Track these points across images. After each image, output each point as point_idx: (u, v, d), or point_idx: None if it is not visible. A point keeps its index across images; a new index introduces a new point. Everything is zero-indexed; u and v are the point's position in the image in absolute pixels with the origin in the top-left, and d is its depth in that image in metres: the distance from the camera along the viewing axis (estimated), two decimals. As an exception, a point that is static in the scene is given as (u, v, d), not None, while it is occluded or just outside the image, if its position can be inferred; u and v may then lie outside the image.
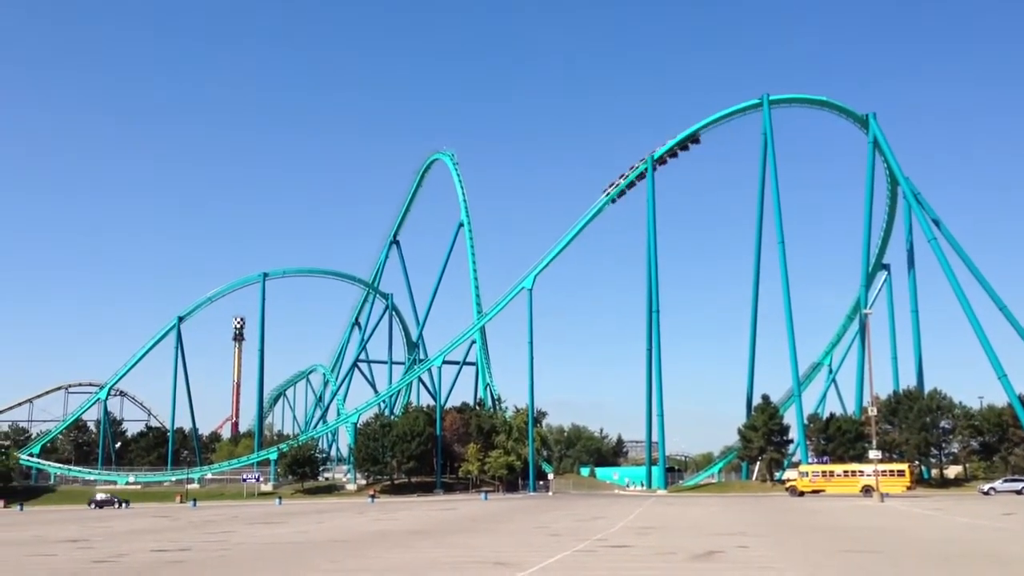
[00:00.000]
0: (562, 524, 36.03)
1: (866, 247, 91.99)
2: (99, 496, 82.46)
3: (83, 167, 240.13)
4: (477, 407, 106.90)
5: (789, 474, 79.57)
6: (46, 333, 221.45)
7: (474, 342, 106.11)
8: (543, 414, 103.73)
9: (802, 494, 68.21)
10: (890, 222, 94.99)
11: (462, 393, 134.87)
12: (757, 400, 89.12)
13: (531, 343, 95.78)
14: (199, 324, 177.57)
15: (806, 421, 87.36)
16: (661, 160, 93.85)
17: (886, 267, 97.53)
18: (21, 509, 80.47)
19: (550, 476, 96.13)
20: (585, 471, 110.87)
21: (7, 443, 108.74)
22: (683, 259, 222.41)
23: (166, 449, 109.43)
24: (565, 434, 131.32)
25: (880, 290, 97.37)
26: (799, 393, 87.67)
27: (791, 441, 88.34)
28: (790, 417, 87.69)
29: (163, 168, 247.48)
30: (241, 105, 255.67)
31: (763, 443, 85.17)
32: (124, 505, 78.42)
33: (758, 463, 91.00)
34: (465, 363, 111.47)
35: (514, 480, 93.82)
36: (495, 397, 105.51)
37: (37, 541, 32.94)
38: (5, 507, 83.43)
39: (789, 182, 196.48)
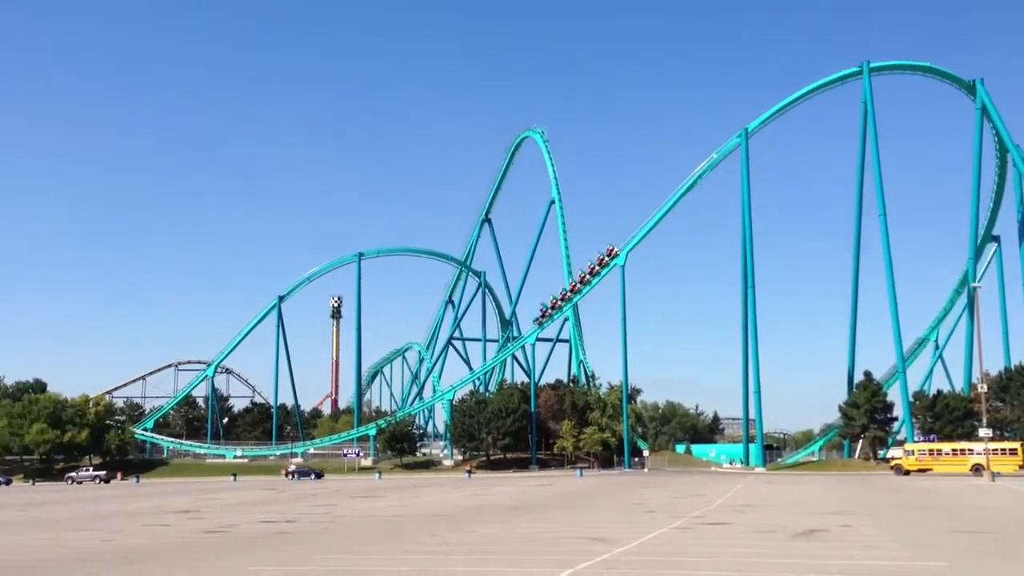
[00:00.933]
0: (658, 501, 35.90)
1: (974, 218, 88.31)
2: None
3: (202, 152, 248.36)
4: (571, 384, 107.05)
5: (894, 452, 77.37)
6: (157, 314, 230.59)
7: (567, 319, 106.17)
8: (637, 391, 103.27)
9: (908, 473, 66.31)
10: (999, 192, 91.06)
11: (556, 370, 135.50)
12: (859, 377, 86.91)
13: (624, 319, 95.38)
14: (298, 303, 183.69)
15: (911, 399, 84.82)
16: (755, 132, 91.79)
17: (996, 239, 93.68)
18: (138, 481, 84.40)
19: (645, 453, 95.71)
20: (680, 448, 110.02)
21: (123, 418, 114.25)
22: (780, 234, 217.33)
23: (270, 424, 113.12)
24: (660, 411, 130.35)
25: (990, 262, 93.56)
26: (903, 370, 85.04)
27: (895, 419, 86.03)
28: (893, 395, 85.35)
29: (267, 151, 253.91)
30: (338, 87, 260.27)
31: (865, 421, 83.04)
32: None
33: (860, 441, 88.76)
34: (558, 340, 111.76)
35: (609, 457, 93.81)
36: (589, 374, 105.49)
37: (153, 511, 34.53)
38: (123, 479, 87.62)
39: (890, 152, 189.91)
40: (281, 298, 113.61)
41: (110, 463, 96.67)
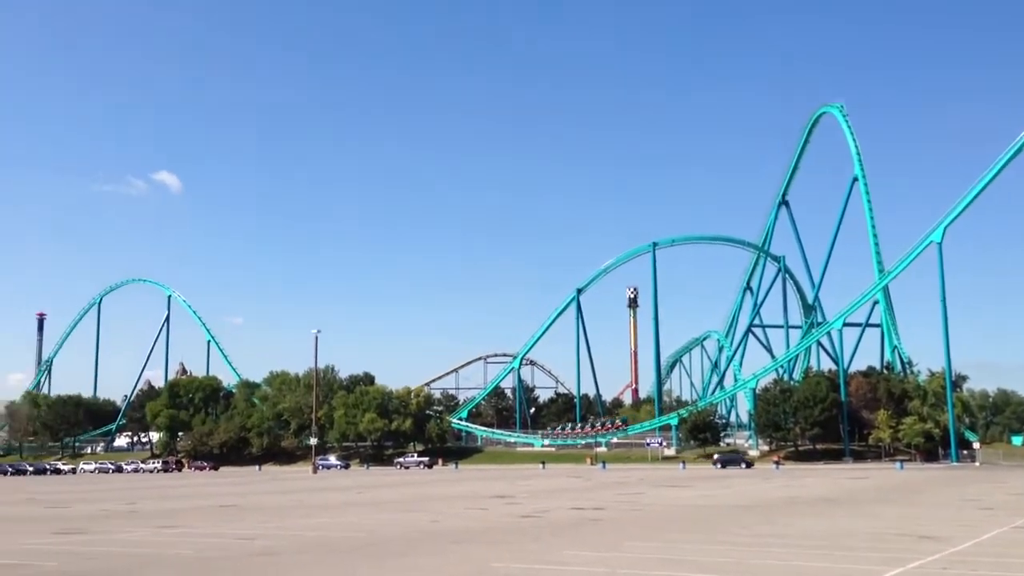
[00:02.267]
0: (995, 497, 32.72)
1: None
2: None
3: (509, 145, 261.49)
4: (885, 371, 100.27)
5: None
6: (467, 310, 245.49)
7: (876, 302, 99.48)
8: (963, 378, 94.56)
9: None
10: None
11: (866, 356, 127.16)
12: None
13: (943, 301, 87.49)
14: (596, 295, 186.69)
15: None
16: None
17: None
18: (456, 467, 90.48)
19: (975, 445, 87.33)
20: (1017, 440, 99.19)
21: (441, 408, 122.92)
22: None
23: (573, 414, 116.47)
24: (990, 399, 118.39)
25: None
26: None
27: None
28: None
29: (565, 142, 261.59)
30: (623, 74, 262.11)
31: None
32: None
33: None
34: (868, 325, 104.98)
35: (932, 449, 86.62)
36: (905, 360, 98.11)
37: (472, 496, 36.85)
38: (443, 464, 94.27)
39: None
40: (579, 290, 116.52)
41: (431, 450, 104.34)
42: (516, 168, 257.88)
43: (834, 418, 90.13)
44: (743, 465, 78.05)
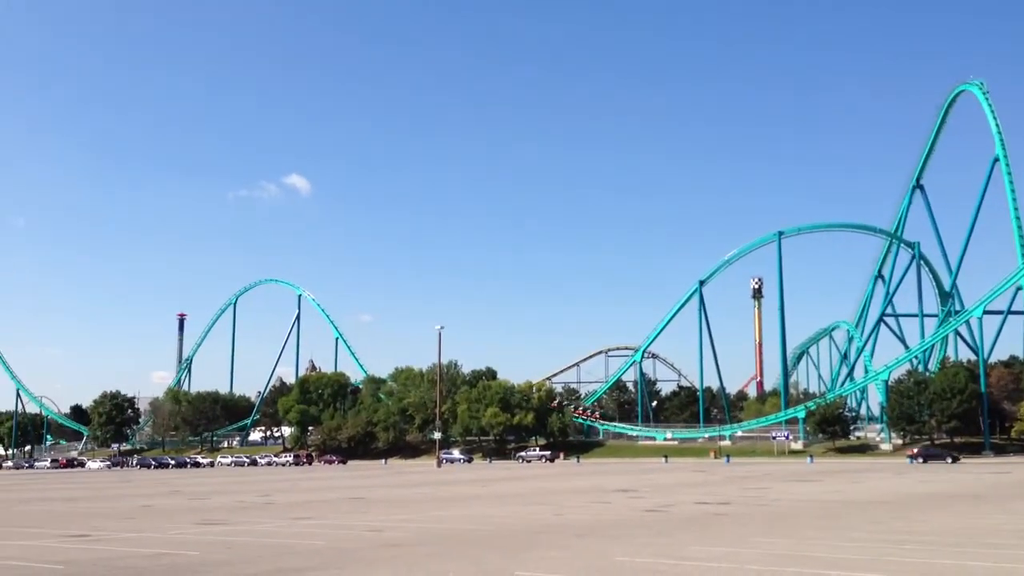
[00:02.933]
0: None
1: None
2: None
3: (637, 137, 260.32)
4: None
5: None
6: (588, 304, 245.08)
7: (1020, 288, 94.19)
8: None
9: None
10: None
11: (1008, 345, 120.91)
12: None
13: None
14: (718, 286, 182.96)
15: None
16: None
17: None
18: (578, 461, 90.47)
19: None
20: None
21: (564, 403, 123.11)
22: None
23: (696, 407, 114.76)
24: None
25: None
26: None
27: None
28: None
29: (681, 133, 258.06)
30: (756, 62, 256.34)
31: None
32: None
33: None
34: (1010, 312, 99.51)
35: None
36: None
37: (595, 490, 36.82)
38: (565, 458, 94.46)
39: None
40: (702, 282, 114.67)
41: (553, 444, 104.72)
42: (638, 163, 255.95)
43: (973, 410, 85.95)
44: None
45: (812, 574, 13.15)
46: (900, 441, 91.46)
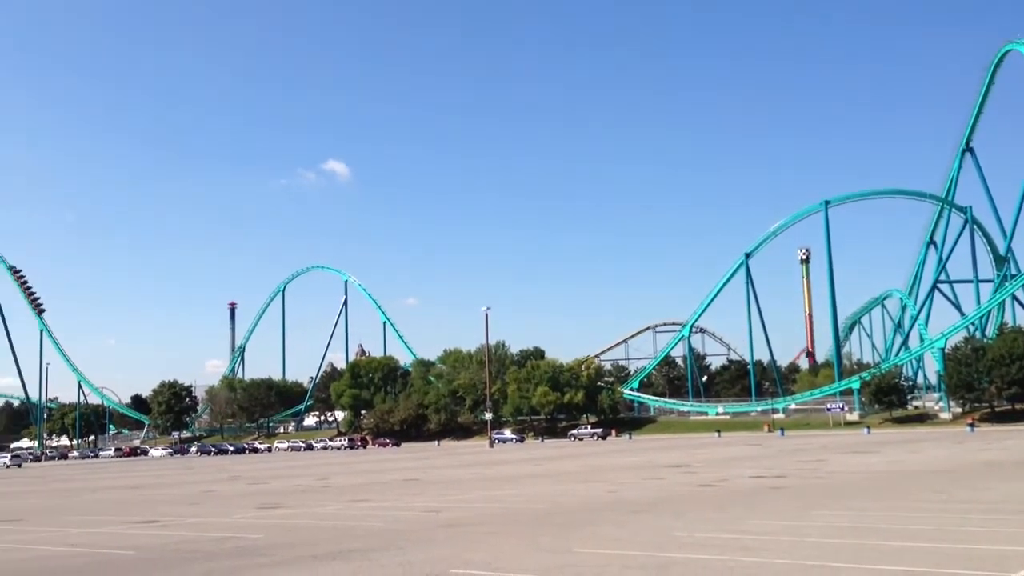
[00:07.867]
0: None
1: None
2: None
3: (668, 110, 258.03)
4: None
5: None
6: (634, 280, 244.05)
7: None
8: None
9: None
10: None
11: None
12: None
13: None
14: (765, 258, 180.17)
15: None
16: None
17: None
18: (630, 437, 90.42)
19: None
20: None
21: (612, 379, 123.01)
22: None
23: (747, 381, 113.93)
24: None
25: None
26: None
27: None
28: None
29: (728, 104, 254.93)
30: (795, 32, 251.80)
31: None
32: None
33: None
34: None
35: None
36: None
37: (648, 466, 36.75)
38: (616, 435, 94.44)
39: None
40: (748, 255, 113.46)
41: (604, 421, 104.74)
42: (682, 138, 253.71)
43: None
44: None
45: (874, 545, 12.99)
46: (959, 409, 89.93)
